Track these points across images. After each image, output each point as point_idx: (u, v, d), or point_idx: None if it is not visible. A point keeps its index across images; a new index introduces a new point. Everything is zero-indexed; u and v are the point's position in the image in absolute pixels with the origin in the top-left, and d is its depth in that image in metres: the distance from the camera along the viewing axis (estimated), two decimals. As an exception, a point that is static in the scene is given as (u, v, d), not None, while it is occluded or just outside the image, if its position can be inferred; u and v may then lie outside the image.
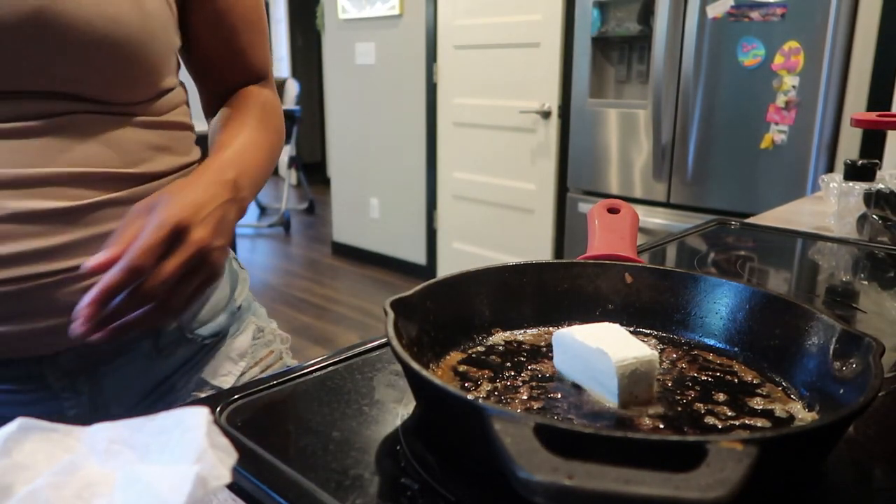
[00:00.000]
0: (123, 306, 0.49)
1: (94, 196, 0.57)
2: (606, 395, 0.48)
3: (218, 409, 0.50)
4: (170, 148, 0.65)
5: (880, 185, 1.09)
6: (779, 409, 0.48)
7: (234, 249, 0.94)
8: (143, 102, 0.62)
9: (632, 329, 0.60)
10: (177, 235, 0.50)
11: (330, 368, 0.57)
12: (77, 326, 0.48)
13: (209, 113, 0.76)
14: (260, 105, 0.73)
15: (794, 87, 2.03)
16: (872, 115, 1.08)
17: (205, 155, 0.67)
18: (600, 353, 0.47)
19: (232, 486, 0.42)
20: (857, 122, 1.08)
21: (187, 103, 0.72)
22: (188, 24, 0.70)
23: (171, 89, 0.66)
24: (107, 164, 0.58)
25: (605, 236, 0.70)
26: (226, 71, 0.75)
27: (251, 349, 0.76)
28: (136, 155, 0.61)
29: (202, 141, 0.71)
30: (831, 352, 0.48)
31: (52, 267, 0.55)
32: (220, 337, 0.72)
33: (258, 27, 0.75)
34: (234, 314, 0.74)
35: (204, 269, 0.53)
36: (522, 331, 0.60)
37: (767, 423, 0.46)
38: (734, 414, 0.47)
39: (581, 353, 0.49)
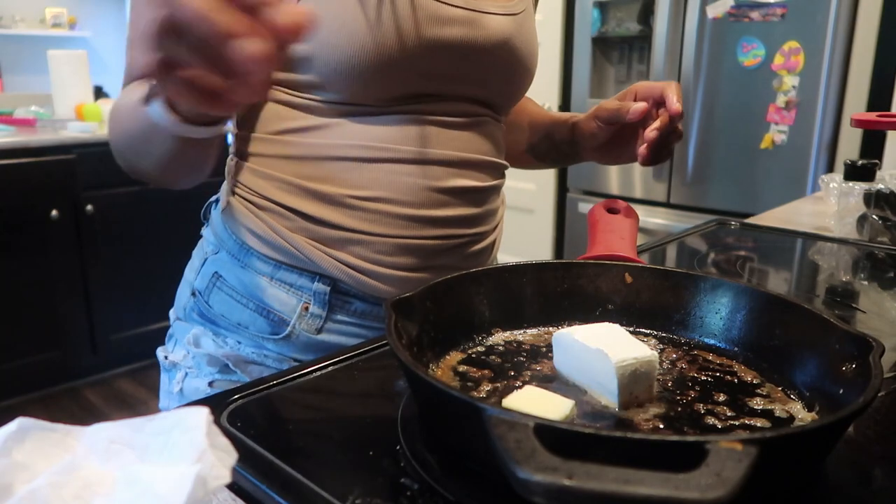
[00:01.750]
0: (665, 141, 0.73)
1: (489, 181, 0.74)
2: (606, 395, 0.48)
3: (218, 409, 0.50)
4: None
5: (880, 186, 1.09)
6: (779, 409, 0.48)
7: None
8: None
9: (632, 329, 0.60)
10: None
11: (330, 368, 0.57)
12: (642, 150, 0.71)
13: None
14: None
15: (794, 87, 2.03)
16: (872, 115, 1.08)
17: None
18: (600, 353, 0.47)
19: (232, 486, 0.42)
20: (857, 123, 1.08)
21: None
22: None
23: None
24: (491, 155, 0.74)
25: (605, 236, 0.70)
26: None
27: None
28: (501, 151, 0.78)
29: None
30: (831, 352, 0.48)
31: (463, 231, 0.72)
32: None
33: None
34: None
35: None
36: (522, 331, 0.60)
37: (767, 423, 0.46)
38: (734, 414, 0.47)
39: (581, 353, 0.49)
